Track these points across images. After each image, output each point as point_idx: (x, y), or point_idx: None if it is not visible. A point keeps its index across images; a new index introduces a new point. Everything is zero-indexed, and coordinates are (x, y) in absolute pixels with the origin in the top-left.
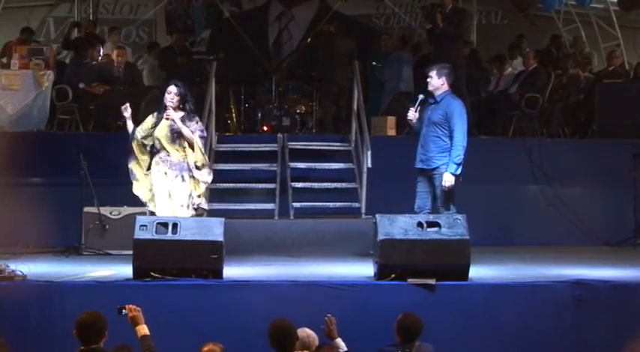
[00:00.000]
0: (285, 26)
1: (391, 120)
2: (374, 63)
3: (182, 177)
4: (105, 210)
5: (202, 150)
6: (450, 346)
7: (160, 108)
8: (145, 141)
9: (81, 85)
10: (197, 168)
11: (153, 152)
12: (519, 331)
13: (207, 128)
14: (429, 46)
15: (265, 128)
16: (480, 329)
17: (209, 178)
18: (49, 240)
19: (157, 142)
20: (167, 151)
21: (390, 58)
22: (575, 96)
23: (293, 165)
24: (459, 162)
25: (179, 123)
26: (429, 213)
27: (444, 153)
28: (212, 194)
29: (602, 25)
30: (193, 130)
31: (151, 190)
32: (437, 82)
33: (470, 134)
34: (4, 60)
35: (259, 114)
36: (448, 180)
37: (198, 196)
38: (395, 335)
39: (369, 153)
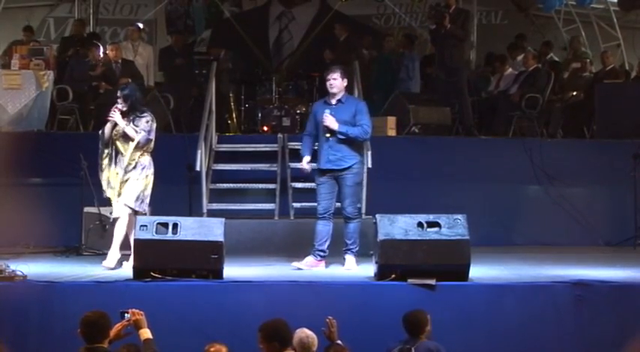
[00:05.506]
0: (286, 26)
1: (391, 120)
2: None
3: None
4: (105, 210)
5: (135, 147)
6: (451, 346)
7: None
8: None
9: (94, 83)
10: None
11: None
12: (520, 331)
13: (207, 128)
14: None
15: (265, 128)
16: (480, 329)
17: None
18: (49, 240)
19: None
20: (121, 152)
21: (402, 58)
22: (573, 95)
23: (293, 165)
24: (362, 133)
25: (121, 124)
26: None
27: (354, 152)
28: (212, 194)
29: (602, 25)
30: (138, 131)
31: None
32: (342, 84)
33: (470, 134)
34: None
35: (259, 115)
36: (331, 121)
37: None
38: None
39: (370, 153)
